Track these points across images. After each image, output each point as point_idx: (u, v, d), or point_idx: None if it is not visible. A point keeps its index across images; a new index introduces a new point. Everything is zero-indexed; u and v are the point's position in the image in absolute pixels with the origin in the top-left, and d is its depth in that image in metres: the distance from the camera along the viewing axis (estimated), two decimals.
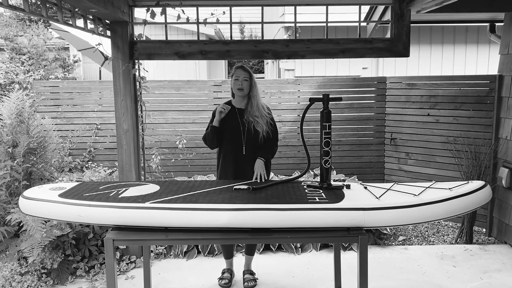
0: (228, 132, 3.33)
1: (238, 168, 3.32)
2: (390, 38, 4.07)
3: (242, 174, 3.30)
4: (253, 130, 3.30)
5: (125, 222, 2.49)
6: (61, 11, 3.18)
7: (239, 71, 3.32)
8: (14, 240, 3.81)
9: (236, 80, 3.31)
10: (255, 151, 3.31)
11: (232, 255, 3.70)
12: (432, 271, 3.87)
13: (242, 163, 3.30)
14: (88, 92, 5.59)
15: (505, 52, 4.55)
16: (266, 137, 3.34)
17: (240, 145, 3.31)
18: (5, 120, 4.03)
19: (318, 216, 2.41)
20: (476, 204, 2.53)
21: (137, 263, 3.99)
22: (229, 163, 3.34)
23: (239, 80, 3.29)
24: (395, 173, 5.51)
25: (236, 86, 3.31)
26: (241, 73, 3.31)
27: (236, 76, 3.31)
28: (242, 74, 3.30)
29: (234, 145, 3.32)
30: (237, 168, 3.32)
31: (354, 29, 6.48)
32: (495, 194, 4.58)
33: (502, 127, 4.53)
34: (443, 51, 8.13)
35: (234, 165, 3.33)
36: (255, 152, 3.31)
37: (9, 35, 9.20)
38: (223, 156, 3.38)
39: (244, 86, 3.30)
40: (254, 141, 3.32)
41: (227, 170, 3.36)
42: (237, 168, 3.32)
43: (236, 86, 3.31)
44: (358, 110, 5.62)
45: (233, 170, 3.33)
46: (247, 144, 3.31)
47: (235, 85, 3.32)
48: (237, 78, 3.30)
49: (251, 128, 3.30)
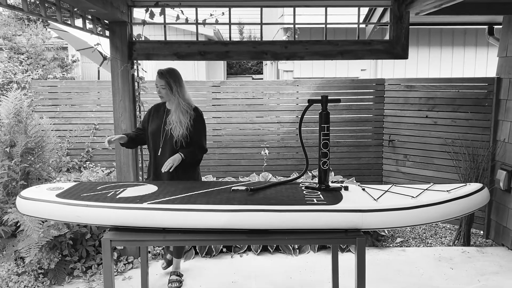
0: (152, 132, 3.35)
1: (157, 168, 3.33)
2: (389, 40, 4.07)
3: (159, 175, 3.30)
4: (169, 134, 3.27)
5: (122, 222, 2.48)
6: (59, 11, 3.18)
7: (157, 77, 3.29)
8: (11, 240, 3.80)
9: (156, 87, 3.30)
10: (171, 154, 3.24)
11: (182, 255, 3.71)
12: (429, 273, 3.87)
13: (159, 164, 3.26)
14: (86, 92, 5.58)
15: (504, 54, 4.56)
16: (185, 141, 3.28)
17: (158, 146, 3.32)
18: (3, 119, 4.02)
19: (316, 218, 2.41)
20: (474, 207, 2.53)
21: (134, 264, 3.98)
22: (150, 163, 3.40)
23: (158, 88, 3.29)
24: (393, 175, 5.52)
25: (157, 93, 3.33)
26: (157, 80, 3.28)
27: (155, 83, 3.30)
28: (159, 82, 3.27)
29: (154, 146, 3.36)
30: (156, 169, 3.35)
31: (353, 31, 6.47)
32: (492, 197, 4.58)
33: (500, 130, 4.54)
34: (442, 54, 8.14)
35: (154, 165, 3.36)
36: (171, 155, 3.24)
37: (8, 34, 9.19)
38: (150, 156, 3.41)
39: (163, 94, 3.29)
40: (170, 144, 3.28)
41: (149, 169, 3.41)
42: (156, 169, 3.34)
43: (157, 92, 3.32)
44: (356, 111, 5.62)
45: (153, 171, 3.37)
46: (163, 146, 3.30)
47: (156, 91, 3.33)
48: (156, 85, 3.29)
49: (169, 131, 3.27)
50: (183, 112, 3.28)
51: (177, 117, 3.25)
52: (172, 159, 3.17)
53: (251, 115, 5.55)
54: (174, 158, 3.18)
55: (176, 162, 3.16)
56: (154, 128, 3.34)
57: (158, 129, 3.32)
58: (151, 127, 3.36)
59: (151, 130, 3.35)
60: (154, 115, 3.40)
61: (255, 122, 5.56)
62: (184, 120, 3.26)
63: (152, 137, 3.35)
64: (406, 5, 3.98)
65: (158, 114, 3.39)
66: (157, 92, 3.31)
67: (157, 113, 3.40)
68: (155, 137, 3.34)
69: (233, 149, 5.58)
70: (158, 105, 3.46)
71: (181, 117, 3.26)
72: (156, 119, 3.37)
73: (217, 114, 5.54)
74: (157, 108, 3.45)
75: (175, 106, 3.28)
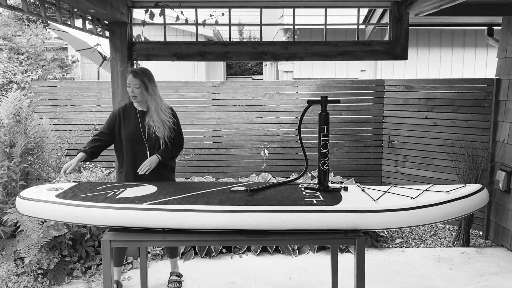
0: (129, 136, 3.21)
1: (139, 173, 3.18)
2: (388, 41, 4.08)
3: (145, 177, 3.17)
4: (154, 136, 3.19)
5: (122, 223, 2.48)
6: (59, 11, 3.18)
7: (130, 77, 3.15)
8: (11, 240, 3.80)
9: (128, 87, 3.17)
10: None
11: (122, 263, 3.57)
12: (429, 274, 3.87)
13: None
14: (86, 93, 5.58)
15: (503, 55, 4.57)
16: (168, 141, 3.24)
17: (144, 149, 3.21)
18: (2, 120, 4.02)
19: (315, 218, 2.41)
20: (473, 208, 2.53)
21: (134, 264, 3.98)
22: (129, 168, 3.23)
23: (131, 88, 3.15)
24: (393, 175, 5.52)
25: (129, 93, 3.19)
26: (131, 80, 3.14)
27: (128, 83, 3.16)
28: (133, 81, 3.14)
29: (138, 149, 3.21)
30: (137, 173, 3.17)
31: (353, 32, 6.48)
32: (492, 197, 4.59)
33: (499, 131, 4.54)
34: (441, 54, 8.15)
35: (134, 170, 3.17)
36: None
37: (8, 34, 9.19)
38: (127, 160, 3.24)
39: (137, 93, 3.15)
40: (158, 147, 3.22)
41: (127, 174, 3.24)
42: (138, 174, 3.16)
43: (129, 93, 3.18)
44: (356, 112, 5.62)
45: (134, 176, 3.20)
46: (150, 148, 3.21)
47: (128, 91, 3.19)
48: (129, 85, 3.16)
49: (152, 133, 3.19)
50: (164, 112, 3.20)
51: (158, 118, 3.16)
52: (149, 161, 3.09)
53: (250, 115, 5.55)
54: (151, 160, 3.11)
55: (153, 164, 3.10)
56: (131, 133, 3.21)
57: (137, 133, 3.21)
58: (125, 132, 3.22)
59: (127, 135, 3.21)
60: (125, 119, 3.25)
61: (255, 122, 5.57)
62: (166, 120, 3.20)
63: (129, 142, 3.21)
64: (405, 6, 3.98)
65: (130, 117, 3.25)
66: (130, 93, 3.16)
67: (128, 117, 3.25)
68: (134, 142, 3.21)
69: (232, 150, 5.58)
70: (126, 108, 3.31)
71: (163, 117, 3.19)
72: (130, 123, 3.23)
73: (216, 114, 5.54)
74: (125, 110, 3.29)
75: (154, 107, 3.17)
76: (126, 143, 3.22)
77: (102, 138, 3.23)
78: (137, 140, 3.21)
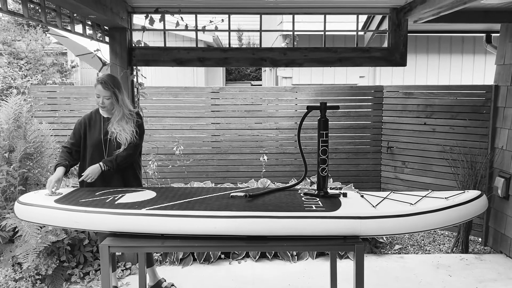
0: (92, 143, 3.18)
1: (105, 179, 3.17)
2: (387, 48, 4.10)
3: (109, 184, 3.15)
4: (115, 142, 3.14)
5: (121, 228, 2.48)
6: (60, 16, 3.19)
7: (99, 88, 3.07)
8: (9, 245, 3.78)
9: (97, 97, 3.11)
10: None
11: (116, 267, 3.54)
12: (428, 280, 3.87)
13: (106, 175, 3.13)
14: (85, 98, 5.59)
15: (501, 62, 4.59)
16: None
17: (103, 156, 3.16)
18: (2, 125, 4.02)
19: (314, 224, 2.41)
20: (472, 214, 2.53)
21: (132, 270, 3.97)
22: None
23: (100, 98, 3.10)
24: (392, 181, 5.52)
25: (97, 103, 3.14)
26: (101, 91, 3.07)
27: (97, 94, 3.10)
28: (103, 93, 3.07)
29: (97, 155, 3.16)
30: (103, 179, 3.16)
31: (352, 38, 6.50)
32: (491, 204, 4.59)
33: (498, 137, 4.56)
34: (440, 61, 8.18)
35: (101, 177, 3.12)
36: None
37: (7, 39, 9.22)
38: (87, 167, 3.14)
39: (107, 104, 3.11)
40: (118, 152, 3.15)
41: (95, 182, 3.12)
42: (104, 180, 3.16)
43: (98, 103, 3.14)
44: (355, 118, 5.64)
45: (101, 182, 3.15)
46: (109, 155, 3.15)
47: (97, 101, 3.13)
48: (98, 95, 3.10)
49: (114, 140, 3.14)
50: (127, 121, 3.15)
51: (119, 126, 3.12)
52: (91, 170, 3.03)
53: (250, 121, 5.56)
54: (93, 168, 3.04)
55: (94, 174, 3.03)
56: (95, 140, 3.17)
57: (99, 141, 3.16)
58: (90, 140, 3.18)
59: (92, 143, 3.17)
60: (90, 126, 3.20)
61: (254, 128, 5.57)
62: (129, 127, 3.15)
63: (95, 149, 3.17)
64: (404, 13, 4.00)
65: (95, 124, 3.21)
66: (99, 104, 3.11)
67: (94, 124, 3.21)
68: (95, 148, 3.16)
69: (231, 155, 5.59)
70: (91, 115, 3.25)
71: (125, 125, 3.14)
72: (95, 130, 3.19)
73: (216, 120, 5.55)
74: (90, 118, 3.24)
75: (120, 116, 3.13)
76: (89, 150, 3.19)
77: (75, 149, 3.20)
78: (98, 146, 3.17)
